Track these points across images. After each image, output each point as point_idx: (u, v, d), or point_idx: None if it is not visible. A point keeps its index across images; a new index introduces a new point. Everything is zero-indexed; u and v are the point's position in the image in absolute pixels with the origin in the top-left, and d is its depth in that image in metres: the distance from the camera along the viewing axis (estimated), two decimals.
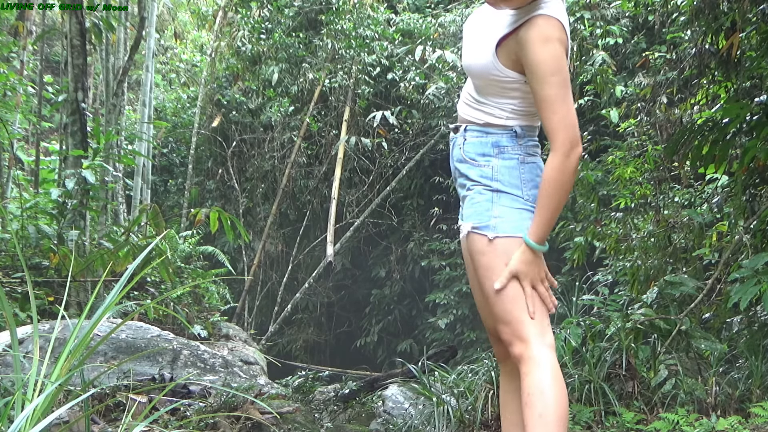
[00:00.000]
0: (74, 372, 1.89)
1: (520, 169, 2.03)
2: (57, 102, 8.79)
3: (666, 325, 3.65)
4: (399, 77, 11.02)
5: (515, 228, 1.98)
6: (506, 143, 2.05)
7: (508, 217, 2.00)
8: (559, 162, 1.91)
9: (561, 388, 1.91)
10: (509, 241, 1.98)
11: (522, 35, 1.93)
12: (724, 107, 4.29)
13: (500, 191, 2.01)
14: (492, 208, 2.01)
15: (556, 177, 1.91)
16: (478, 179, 2.06)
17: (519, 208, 2.01)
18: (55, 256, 4.97)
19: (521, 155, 2.05)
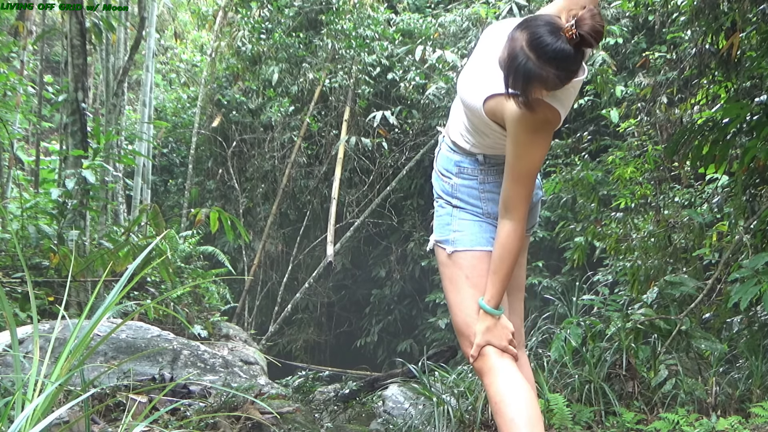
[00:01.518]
0: (74, 372, 1.89)
1: (479, 189, 2.11)
2: (57, 102, 8.78)
3: (666, 325, 3.65)
4: (399, 77, 11.02)
5: (473, 242, 2.09)
6: (467, 165, 2.12)
7: (467, 231, 2.10)
8: (515, 230, 2.00)
9: (525, 391, 1.98)
10: (466, 255, 2.09)
11: (512, 111, 1.90)
12: (724, 107, 4.30)
13: (459, 207, 2.11)
14: (451, 222, 2.12)
15: (512, 244, 2.00)
16: (441, 194, 2.17)
17: (477, 221, 2.10)
18: (55, 256, 4.97)
19: (481, 177, 2.12)
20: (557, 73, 1.79)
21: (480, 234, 2.10)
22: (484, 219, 2.11)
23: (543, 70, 1.78)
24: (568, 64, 1.80)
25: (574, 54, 1.80)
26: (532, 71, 1.78)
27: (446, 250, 2.12)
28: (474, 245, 2.09)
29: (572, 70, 1.83)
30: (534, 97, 1.83)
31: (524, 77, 1.79)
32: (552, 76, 1.79)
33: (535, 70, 1.78)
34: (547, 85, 1.81)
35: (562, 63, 1.79)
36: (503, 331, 2.06)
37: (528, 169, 1.96)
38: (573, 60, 1.80)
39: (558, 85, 1.83)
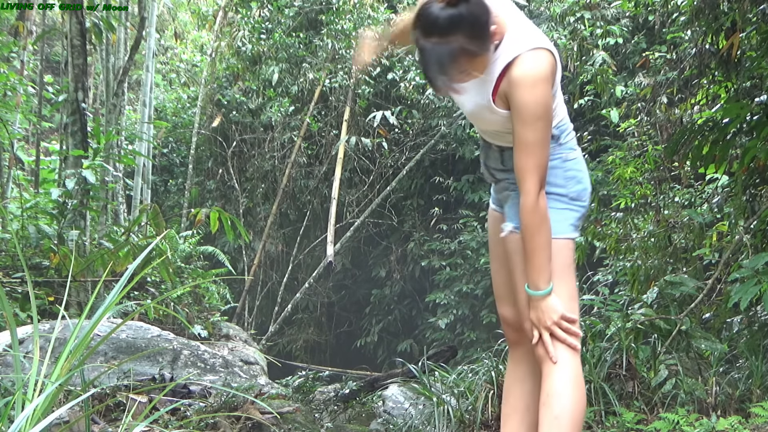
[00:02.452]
0: (74, 372, 1.89)
1: (563, 168, 2.02)
2: (57, 102, 8.78)
3: (666, 325, 3.65)
4: (399, 77, 11.02)
5: (555, 231, 1.97)
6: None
7: (551, 219, 1.97)
8: (531, 205, 1.91)
9: (580, 393, 1.91)
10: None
11: (512, 75, 1.86)
12: (724, 107, 4.30)
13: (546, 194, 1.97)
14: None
15: (533, 219, 1.91)
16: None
17: (561, 209, 2.01)
18: (56, 256, 4.97)
19: (564, 153, 2.03)
20: (470, 37, 1.76)
21: (562, 222, 2.00)
22: (568, 204, 2.01)
23: (455, 43, 1.76)
24: (472, 22, 1.76)
25: (467, 8, 1.75)
26: (453, 52, 1.76)
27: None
28: (555, 234, 1.96)
29: (482, 22, 1.78)
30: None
31: (449, 59, 1.76)
32: (471, 44, 1.77)
33: (454, 50, 1.76)
34: (474, 53, 1.79)
35: (466, 25, 1.75)
36: (548, 311, 1.96)
37: (541, 128, 1.87)
38: (473, 15, 1.76)
39: (482, 48, 1.80)
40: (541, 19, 10.20)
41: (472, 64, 1.81)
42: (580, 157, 2.07)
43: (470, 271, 10.52)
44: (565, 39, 8.57)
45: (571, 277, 2.04)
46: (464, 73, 1.82)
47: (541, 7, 10.26)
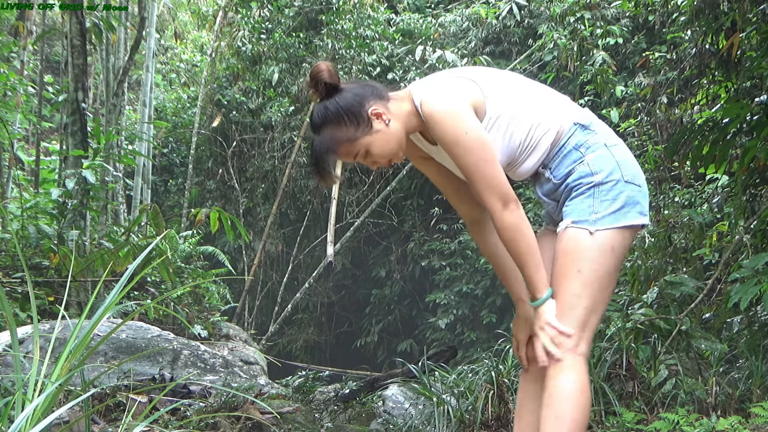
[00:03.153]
0: (74, 372, 1.89)
1: (610, 152, 1.96)
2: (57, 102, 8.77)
3: (666, 325, 3.65)
4: (399, 77, 11.01)
5: (606, 221, 1.92)
6: (584, 137, 1.98)
7: (609, 209, 1.93)
8: (498, 222, 1.93)
9: (584, 396, 1.90)
10: (609, 234, 1.94)
11: (423, 117, 1.94)
12: (724, 107, 4.29)
13: (600, 183, 1.93)
14: (593, 204, 1.94)
15: (505, 235, 1.93)
16: (578, 182, 1.97)
17: (614, 196, 1.93)
18: (56, 256, 4.97)
19: (605, 139, 1.98)
20: (338, 126, 1.95)
21: (613, 209, 1.94)
22: (623, 187, 1.94)
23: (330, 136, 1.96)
24: (338, 113, 1.95)
25: (322, 101, 1.98)
26: (326, 142, 1.96)
27: (588, 230, 1.93)
28: (614, 222, 1.93)
29: (352, 110, 1.94)
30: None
31: (324, 149, 1.96)
32: (342, 132, 1.95)
33: (326, 140, 1.96)
34: (351, 139, 1.94)
35: (332, 117, 1.95)
36: (530, 322, 2.00)
37: (465, 151, 1.90)
38: (340, 106, 1.96)
39: (358, 132, 1.94)
40: (541, 19, 10.20)
41: (355, 147, 1.95)
42: (624, 146, 2.03)
43: (470, 271, 10.53)
44: (565, 39, 8.57)
45: (604, 286, 1.95)
46: (354, 158, 1.98)
47: (541, 7, 10.26)
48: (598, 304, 1.96)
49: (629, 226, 1.94)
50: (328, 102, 1.95)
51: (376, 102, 1.96)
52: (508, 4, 10.32)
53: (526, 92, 2.02)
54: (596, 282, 1.93)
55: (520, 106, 1.98)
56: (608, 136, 1.99)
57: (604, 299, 1.98)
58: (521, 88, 2.04)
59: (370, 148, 1.95)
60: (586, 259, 1.92)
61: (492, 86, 1.98)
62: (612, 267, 1.95)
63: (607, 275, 1.94)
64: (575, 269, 1.92)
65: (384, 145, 1.96)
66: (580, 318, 1.93)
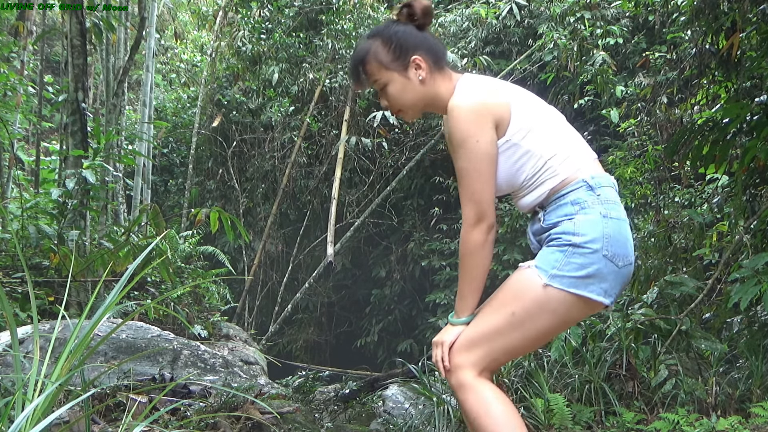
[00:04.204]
0: (74, 372, 1.89)
1: (603, 223, 1.89)
2: (57, 102, 8.78)
3: (666, 325, 3.65)
4: None
5: (566, 283, 1.87)
6: (585, 197, 1.92)
7: (572, 273, 1.88)
8: (463, 233, 1.94)
9: (502, 400, 1.91)
10: (559, 295, 1.88)
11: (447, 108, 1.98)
12: (724, 107, 4.30)
13: (577, 246, 1.87)
14: (561, 260, 1.88)
15: (462, 248, 1.95)
16: (559, 235, 1.92)
17: (587, 262, 1.87)
18: (56, 256, 4.97)
19: (603, 209, 1.92)
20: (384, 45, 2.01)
21: (578, 274, 1.89)
22: (598, 260, 1.88)
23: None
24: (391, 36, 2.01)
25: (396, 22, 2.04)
26: (367, 50, 2.02)
27: (542, 281, 1.89)
28: (563, 284, 1.89)
29: (401, 41, 2.00)
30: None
31: (361, 54, 2.03)
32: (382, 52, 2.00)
33: (368, 49, 2.02)
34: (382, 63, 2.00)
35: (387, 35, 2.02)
36: (449, 335, 2.01)
37: (465, 157, 1.91)
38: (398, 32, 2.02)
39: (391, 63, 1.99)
40: (541, 19, 10.20)
41: (382, 74, 2.01)
42: (626, 224, 1.97)
43: None
44: (565, 39, 8.57)
45: (529, 338, 1.91)
46: (374, 81, 2.03)
47: (541, 7, 10.26)
48: (516, 350, 1.98)
49: (585, 297, 1.88)
50: (397, 26, 2.02)
51: (428, 59, 2.00)
52: (508, 4, 10.32)
53: (553, 131, 1.99)
54: (523, 332, 1.90)
55: (540, 143, 1.95)
56: (609, 207, 1.92)
57: (524, 348, 1.99)
58: (551, 125, 2.00)
59: (390, 85, 2.00)
60: (524, 307, 1.89)
61: (523, 111, 1.96)
62: (545, 326, 1.90)
63: (536, 330, 1.90)
64: (510, 310, 1.90)
65: (402, 91, 2.01)
66: (492, 352, 1.93)
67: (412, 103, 2.02)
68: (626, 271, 1.94)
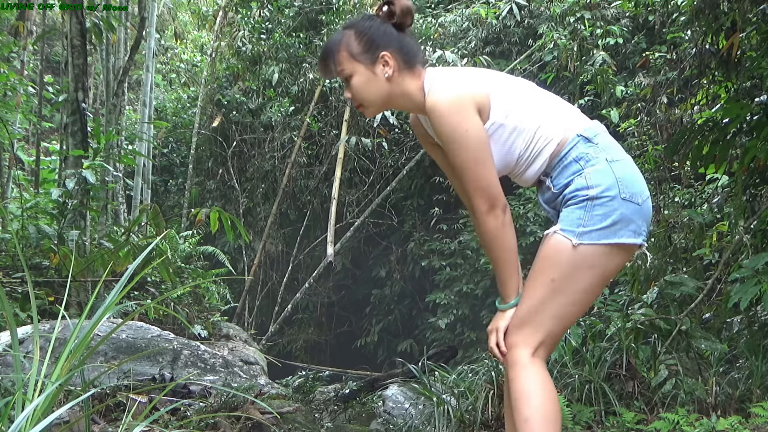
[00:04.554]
0: (74, 372, 1.89)
1: (610, 168, 1.91)
2: (57, 102, 8.79)
3: (666, 325, 3.65)
4: None
5: (595, 236, 1.89)
6: (586, 149, 1.94)
7: (598, 225, 1.89)
8: (480, 224, 1.95)
9: (546, 394, 1.91)
10: (592, 249, 1.90)
11: (426, 108, 1.97)
12: (725, 107, 4.30)
13: (595, 198, 1.89)
14: (583, 216, 1.90)
15: (484, 238, 1.96)
16: (575, 193, 1.93)
17: (607, 211, 1.88)
18: (56, 256, 4.97)
19: (606, 154, 1.94)
20: (355, 38, 2.01)
21: (603, 224, 1.90)
22: (619, 204, 1.90)
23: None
24: (364, 30, 2.02)
25: (374, 16, 2.05)
26: (338, 41, 2.01)
27: (571, 242, 1.91)
28: (593, 238, 1.91)
29: (372, 37, 2.00)
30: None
31: (333, 44, 2.02)
32: (352, 44, 2.00)
33: (340, 39, 2.02)
34: (352, 54, 2.00)
35: (360, 28, 2.02)
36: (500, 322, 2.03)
37: (460, 149, 1.92)
38: (371, 28, 2.02)
39: (360, 55, 1.99)
40: (541, 19, 10.20)
41: (349, 64, 2.00)
42: (631, 161, 1.99)
43: (470, 271, 10.52)
44: (565, 39, 8.57)
45: (575, 300, 1.93)
46: (341, 71, 2.01)
47: (541, 7, 10.26)
48: (567, 316, 1.97)
49: (618, 244, 1.90)
50: (373, 21, 2.03)
51: (398, 57, 2.00)
52: (508, 4, 10.32)
53: (533, 102, 2.01)
54: (568, 295, 1.91)
55: (524, 117, 1.97)
56: (611, 151, 1.95)
57: (574, 313, 1.99)
58: (530, 97, 2.02)
59: (355, 77, 2.00)
60: (562, 271, 1.90)
61: (500, 92, 1.97)
62: (588, 284, 1.92)
63: (581, 291, 1.92)
64: (549, 278, 1.92)
65: (366, 84, 2.00)
66: (543, 324, 1.93)
67: (373, 98, 2.02)
68: (647, 206, 1.96)
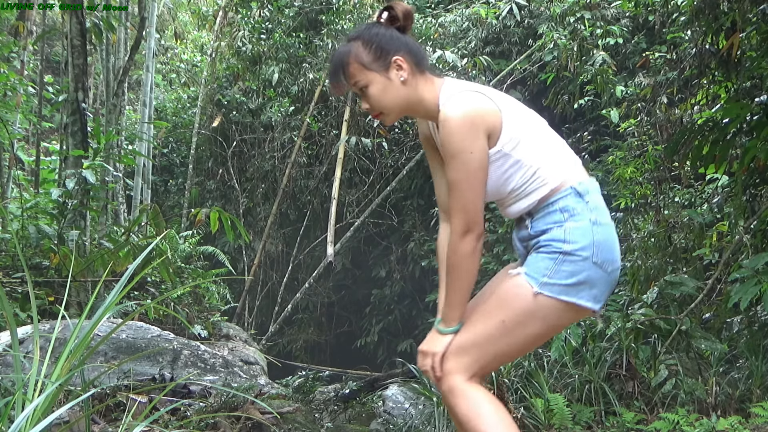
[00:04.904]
0: (74, 372, 1.89)
1: (592, 230, 1.91)
2: (57, 102, 8.78)
3: (666, 325, 3.66)
4: None
5: (556, 290, 1.88)
6: (574, 204, 1.94)
7: (562, 281, 1.89)
8: (452, 243, 1.93)
9: (494, 402, 1.91)
10: (549, 302, 1.89)
11: (439, 118, 1.95)
12: (724, 107, 4.30)
13: (567, 253, 1.88)
14: (551, 267, 1.89)
15: (451, 258, 1.94)
16: (549, 243, 1.93)
17: (576, 270, 1.88)
18: (56, 256, 4.97)
19: (592, 216, 1.93)
20: (364, 47, 2.00)
21: (567, 281, 1.90)
22: (590, 267, 1.90)
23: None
24: (372, 38, 2.01)
25: (376, 24, 2.05)
26: (347, 53, 2.00)
27: (532, 289, 1.91)
28: (552, 292, 1.90)
29: (382, 43, 2.00)
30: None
31: (342, 57, 2.00)
32: (362, 54, 1.99)
33: (348, 52, 2.00)
34: (363, 64, 1.99)
35: (367, 36, 2.01)
36: (439, 344, 2.02)
37: (458, 168, 1.91)
38: (378, 34, 2.01)
39: (372, 64, 1.98)
40: (541, 19, 10.20)
41: (363, 75, 1.99)
42: (613, 229, 1.98)
43: None
44: (565, 39, 8.57)
45: (518, 344, 1.93)
46: (354, 83, 2.01)
47: (541, 7, 10.26)
48: (507, 356, 1.99)
49: (575, 304, 1.90)
50: (378, 28, 2.02)
51: (409, 60, 2.00)
52: (508, 4, 10.32)
53: (541, 141, 2.00)
54: (513, 338, 1.92)
55: (529, 153, 1.96)
56: (597, 213, 1.94)
57: (514, 355, 2.00)
58: (539, 135, 2.01)
59: (371, 86, 1.99)
60: (515, 315, 1.90)
61: (513, 121, 1.96)
62: (536, 333, 1.93)
63: (527, 336, 1.92)
64: (500, 318, 1.91)
65: (383, 92, 1.99)
66: (484, 358, 1.93)
67: (393, 104, 2.00)
68: (614, 276, 1.96)
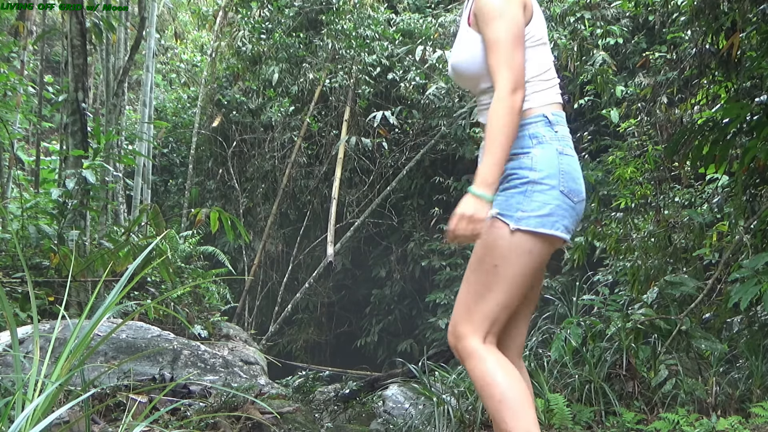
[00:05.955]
0: (74, 372, 1.89)
1: (558, 159, 1.94)
2: (57, 102, 8.79)
3: (666, 325, 3.65)
4: (399, 77, 11.01)
5: (530, 222, 1.90)
6: (543, 131, 1.96)
7: (536, 212, 1.90)
8: (501, 101, 1.87)
9: (511, 372, 1.91)
10: (528, 236, 1.91)
11: None
12: (725, 107, 4.30)
13: (534, 182, 1.90)
14: (522, 201, 1.91)
15: (499, 115, 1.86)
16: (515, 172, 1.94)
17: (546, 200, 1.91)
18: (56, 256, 4.97)
19: (559, 145, 1.97)
20: None
21: (541, 211, 1.92)
22: (557, 197, 1.93)
23: None
24: None
25: None
26: None
27: (509, 226, 1.91)
28: (528, 224, 1.91)
29: None
30: None
31: None
32: None
33: None
34: None
35: None
36: (470, 207, 1.88)
37: (502, 28, 1.91)
38: None
39: None
40: None
41: None
42: (576, 161, 2.01)
43: None
44: (565, 39, 8.57)
45: (518, 284, 1.93)
46: None
47: (541, 7, 10.23)
48: (510, 300, 1.97)
49: (552, 236, 1.92)
50: None
51: None
52: None
53: (543, 56, 2.05)
54: (510, 279, 1.92)
55: (532, 59, 2.01)
56: (564, 144, 1.98)
57: (516, 296, 1.98)
58: (545, 48, 2.07)
59: None
60: (504, 256, 1.91)
61: (539, 21, 2.04)
62: (528, 268, 1.94)
63: (521, 275, 1.93)
64: (492, 264, 1.92)
65: None
66: (489, 311, 1.94)
67: None
68: (580, 208, 1.99)
